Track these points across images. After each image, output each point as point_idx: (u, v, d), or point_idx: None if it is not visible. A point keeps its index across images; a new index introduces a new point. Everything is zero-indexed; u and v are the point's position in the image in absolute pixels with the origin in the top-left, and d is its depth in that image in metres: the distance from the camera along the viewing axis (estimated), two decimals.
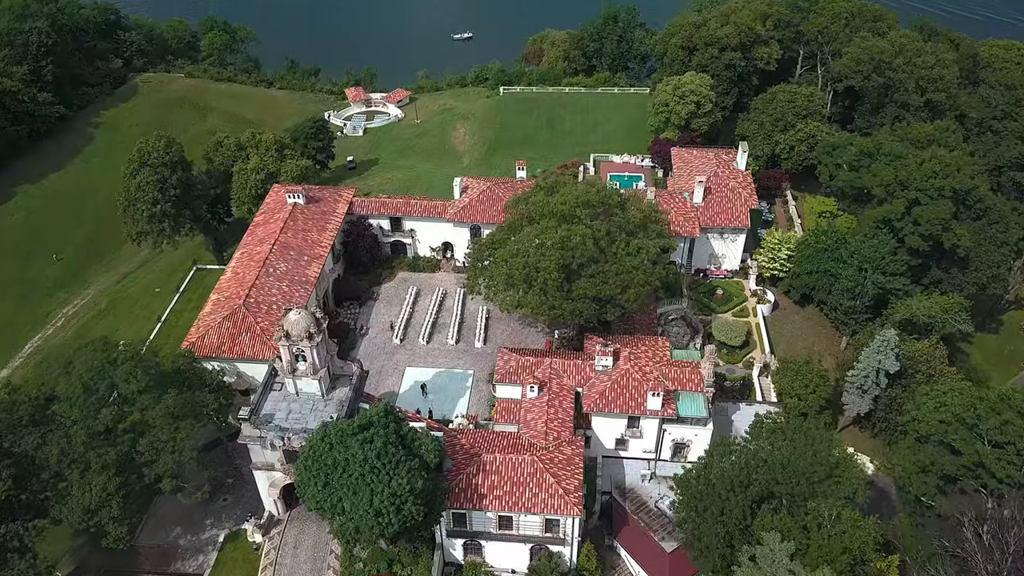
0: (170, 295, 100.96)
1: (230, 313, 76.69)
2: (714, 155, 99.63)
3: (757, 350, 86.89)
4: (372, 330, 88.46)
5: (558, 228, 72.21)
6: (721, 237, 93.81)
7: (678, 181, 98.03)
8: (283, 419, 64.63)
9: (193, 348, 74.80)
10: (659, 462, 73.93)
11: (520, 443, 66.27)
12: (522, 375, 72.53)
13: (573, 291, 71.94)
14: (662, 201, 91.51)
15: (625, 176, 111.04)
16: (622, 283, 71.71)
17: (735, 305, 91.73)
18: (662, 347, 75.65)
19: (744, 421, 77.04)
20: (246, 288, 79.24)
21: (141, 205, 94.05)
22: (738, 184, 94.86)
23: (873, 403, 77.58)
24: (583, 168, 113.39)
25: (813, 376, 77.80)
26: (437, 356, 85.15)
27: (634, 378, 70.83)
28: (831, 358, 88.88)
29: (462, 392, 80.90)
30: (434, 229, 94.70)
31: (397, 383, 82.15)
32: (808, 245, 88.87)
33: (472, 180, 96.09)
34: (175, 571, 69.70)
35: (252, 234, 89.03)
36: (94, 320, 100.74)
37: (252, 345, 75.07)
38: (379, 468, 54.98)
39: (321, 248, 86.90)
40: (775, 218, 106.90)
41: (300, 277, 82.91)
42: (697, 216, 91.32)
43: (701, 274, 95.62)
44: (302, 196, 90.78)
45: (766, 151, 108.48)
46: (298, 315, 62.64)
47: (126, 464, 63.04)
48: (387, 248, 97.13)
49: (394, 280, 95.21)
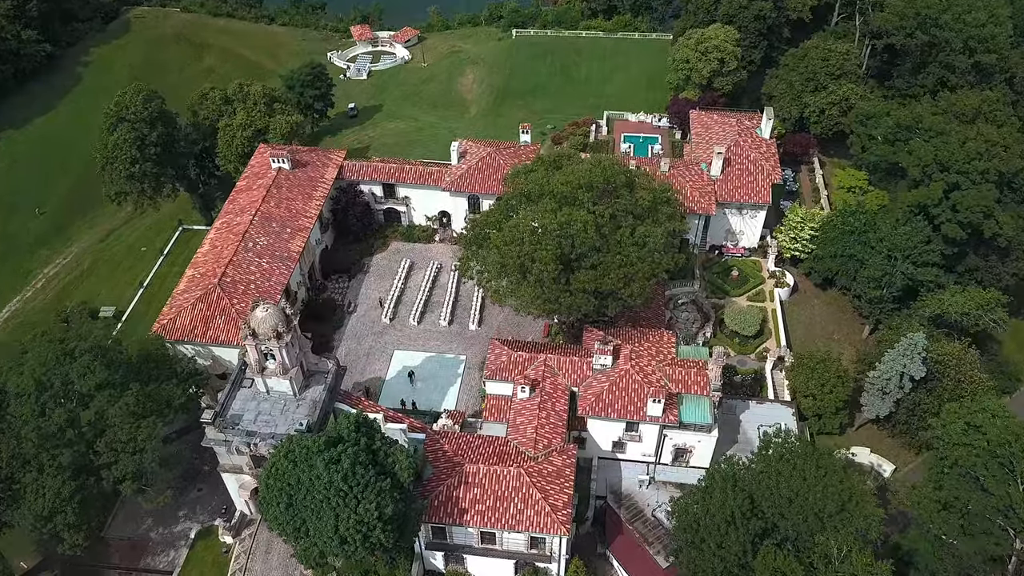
0: (154, 257, 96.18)
1: (204, 293, 71.53)
2: (736, 121, 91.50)
3: (772, 340, 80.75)
4: (361, 307, 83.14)
5: (557, 212, 65.69)
6: (739, 213, 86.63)
7: (695, 149, 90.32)
8: (251, 420, 59.96)
9: (164, 331, 70.03)
10: (659, 466, 68.98)
11: (507, 451, 61.38)
12: (513, 372, 67.18)
13: (571, 283, 65.87)
14: (677, 173, 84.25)
15: (640, 138, 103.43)
16: (625, 276, 65.42)
17: (751, 288, 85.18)
18: (667, 343, 69.73)
19: (753, 421, 72.02)
20: (222, 265, 73.82)
21: (119, 164, 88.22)
22: (760, 155, 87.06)
23: (894, 406, 71.74)
24: (595, 127, 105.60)
25: (830, 376, 71.89)
26: (428, 339, 79.88)
27: (634, 380, 65.26)
28: (851, 348, 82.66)
29: (452, 380, 75.87)
30: (430, 197, 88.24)
31: (384, 367, 77.22)
32: (833, 226, 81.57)
33: (471, 144, 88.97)
34: (144, 567, 66.57)
35: (234, 201, 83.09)
36: (75, 282, 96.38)
37: (227, 329, 70.05)
38: (345, 491, 50.32)
39: (306, 219, 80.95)
40: (800, 188, 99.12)
41: (282, 252, 77.28)
42: (714, 191, 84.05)
43: (716, 251, 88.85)
44: (287, 160, 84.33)
45: (794, 113, 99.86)
46: (265, 312, 57.26)
47: (83, 466, 58.96)
48: (380, 215, 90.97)
49: (387, 251, 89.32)
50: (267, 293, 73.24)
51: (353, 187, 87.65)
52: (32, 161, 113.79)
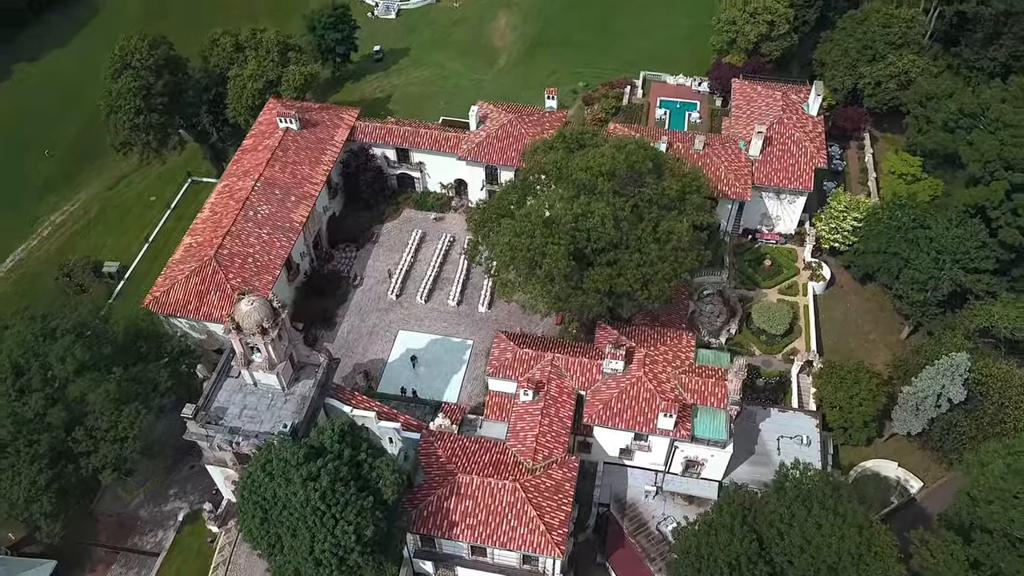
0: (161, 210, 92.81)
1: (199, 266, 67.91)
2: (782, 95, 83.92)
3: (801, 339, 75.32)
4: (367, 280, 79.09)
5: (574, 201, 60.34)
6: (777, 197, 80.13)
7: (734, 124, 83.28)
8: (236, 414, 56.84)
9: (156, 304, 66.87)
10: (668, 475, 65.06)
11: (504, 460, 57.78)
12: (518, 371, 63.05)
13: (584, 282, 60.95)
14: (711, 152, 77.74)
15: (678, 103, 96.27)
16: (643, 276, 60.31)
17: (784, 279, 79.37)
18: (685, 346, 64.88)
19: (774, 431, 67.57)
20: (220, 236, 69.94)
21: (122, 114, 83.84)
22: (805, 136, 79.89)
23: (928, 423, 66.55)
24: (630, 88, 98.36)
25: (860, 389, 66.69)
26: (435, 319, 75.81)
27: (646, 388, 60.80)
28: (887, 350, 77.07)
29: (457, 367, 72.06)
30: (446, 164, 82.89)
31: (387, 348, 73.58)
32: (879, 220, 74.87)
33: (492, 108, 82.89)
34: (131, 546, 65.05)
35: (238, 162, 78.63)
36: (82, 232, 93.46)
37: (221, 305, 66.59)
38: (323, 510, 47.24)
39: (312, 186, 76.34)
40: (846, 167, 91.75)
41: (284, 222, 73.07)
42: (751, 173, 77.52)
43: (749, 236, 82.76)
44: (295, 120, 79.26)
45: (847, 84, 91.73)
46: (250, 306, 53.39)
47: (61, 453, 56.63)
48: (393, 180, 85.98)
49: (398, 219, 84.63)
50: (266, 267, 69.54)
51: (365, 151, 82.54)
52: (44, 99, 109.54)
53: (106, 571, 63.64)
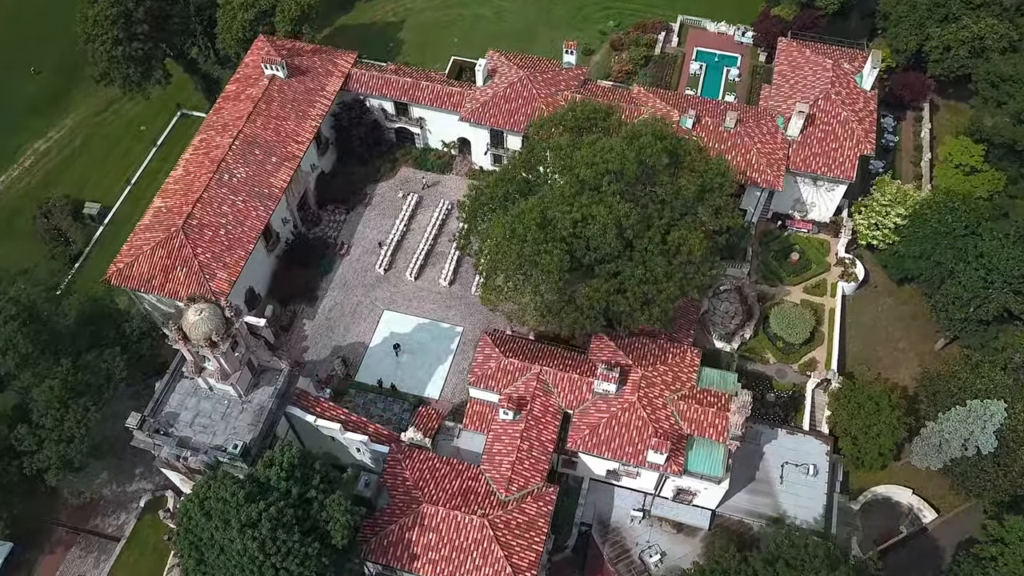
0: (147, 147, 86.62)
1: (165, 238, 62.24)
2: (833, 63, 73.54)
3: (823, 347, 68.47)
4: (356, 248, 72.99)
5: (575, 201, 53.06)
6: (814, 183, 71.50)
7: (775, 93, 73.57)
8: (188, 422, 52.54)
9: (119, 277, 61.81)
10: (658, 498, 60.32)
11: (475, 488, 53.17)
12: (501, 383, 57.61)
13: (577, 297, 54.45)
14: (744, 130, 68.93)
15: (716, 56, 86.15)
16: (644, 295, 53.62)
17: (812, 276, 71.79)
18: (688, 365, 58.68)
19: (779, 455, 62.31)
20: (190, 203, 63.89)
21: (99, 44, 76.58)
22: (853, 115, 70.29)
23: (949, 461, 60.48)
24: (664, 34, 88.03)
25: (879, 420, 60.32)
26: (424, 300, 70.00)
27: (639, 416, 55.19)
28: (916, 361, 70.06)
29: (443, 356, 66.74)
30: (449, 121, 74.93)
31: (370, 331, 68.29)
32: (926, 221, 66.38)
33: (503, 61, 73.94)
34: (93, 528, 62.64)
35: (219, 111, 71.46)
36: (65, 164, 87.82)
37: (187, 283, 61.29)
38: (261, 560, 43.30)
39: (297, 145, 69.31)
40: (899, 142, 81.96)
41: (262, 188, 66.62)
42: (786, 156, 68.82)
43: (779, 222, 74.63)
44: (282, 67, 71.39)
45: (911, 45, 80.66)
46: (198, 316, 47.93)
47: (4, 450, 53.12)
48: (391, 134, 78.42)
49: (394, 178, 77.53)
50: (239, 240, 63.76)
51: (360, 103, 74.74)
52: (29, 8, 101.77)
53: (65, 554, 61.46)
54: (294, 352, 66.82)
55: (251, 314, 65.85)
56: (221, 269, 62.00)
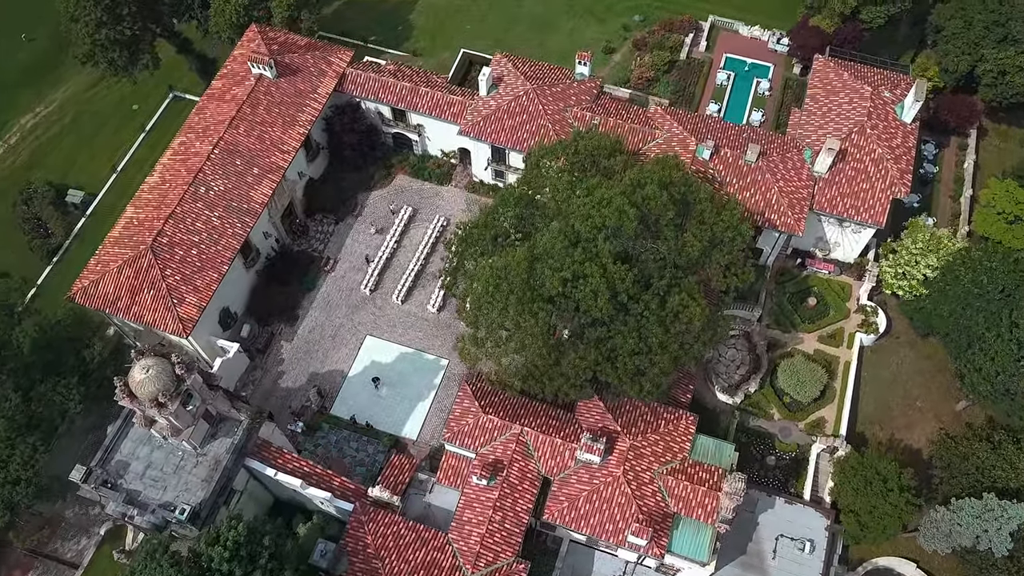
0: (136, 131, 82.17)
1: (133, 256, 58.29)
2: (872, 90, 66.74)
3: (833, 406, 63.61)
4: (342, 264, 68.69)
5: (566, 257, 48.22)
6: (839, 224, 65.64)
7: (806, 120, 67.13)
8: (139, 473, 49.38)
9: (84, 296, 58.19)
10: (641, 565, 56.65)
11: (440, 561, 49.80)
12: (478, 441, 53.69)
13: (562, 363, 49.97)
14: (767, 164, 62.97)
15: (747, 64, 79.38)
16: (636, 367, 49.02)
17: (829, 324, 66.47)
18: (682, 433, 54.29)
19: (775, 527, 58.26)
20: (162, 217, 59.72)
21: (82, 26, 71.68)
22: (889, 152, 63.90)
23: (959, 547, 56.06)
24: (693, 35, 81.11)
25: (886, 502, 55.68)
26: (410, 327, 65.82)
27: (622, 492, 51.16)
28: (935, 421, 65.03)
29: (425, 392, 62.86)
30: (448, 130, 69.56)
31: (350, 358, 64.43)
32: (957, 279, 60.59)
33: (510, 68, 68.00)
34: (51, 552, 60.32)
35: (202, 111, 66.68)
36: (53, 142, 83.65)
37: (154, 307, 57.58)
38: None
39: (281, 155, 64.54)
40: (938, 174, 75.28)
41: (241, 202, 62.14)
42: (811, 195, 62.97)
43: (798, 260, 69.01)
44: (271, 67, 66.12)
45: (963, 67, 73.36)
46: (144, 374, 44.22)
47: None
48: (388, 138, 73.23)
49: (389, 187, 72.62)
50: (212, 261, 59.70)
51: (354, 108, 69.48)
52: None
53: None
54: (269, 378, 63.38)
55: (225, 336, 62.51)
56: (191, 292, 58.14)
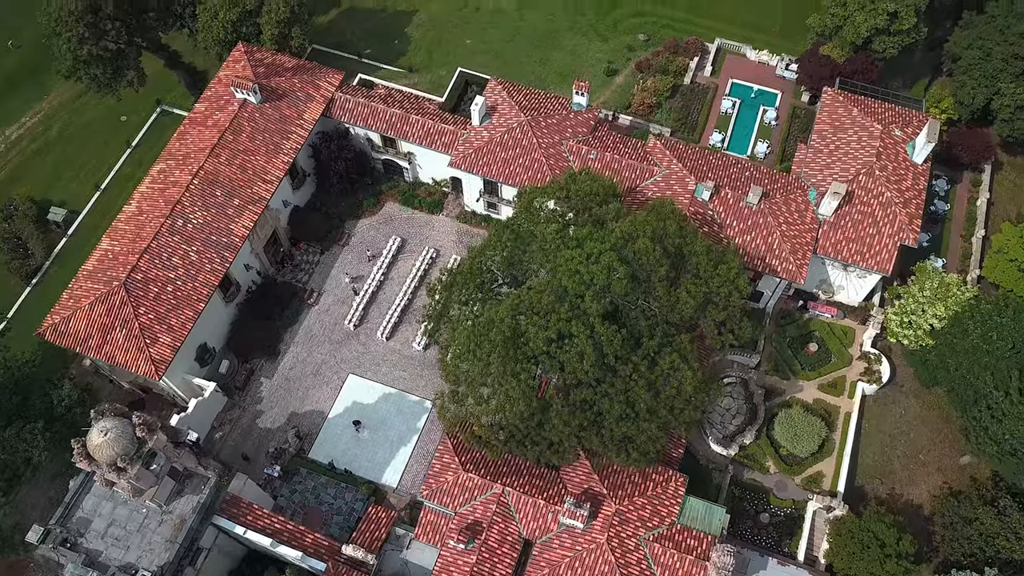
0: (121, 148, 79.79)
1: (105, 293, 56.10)
2: (882, 128, 63.75)
3: (832, 459, 61.16)
4: (326, 297, 66.36)
5: (551, 316, 45.77)
6: (844, 268, 62.90)
7: (811, 158, 64.25)
8: (101, 532, 47.40)
9: (54, 333, 56.09)
10: None
11: None
12: (458, 500, 51.49)
13: (545, 427, 47.63)
14: (769, 207, 60.21)
15: (753, 91, 76.35)
16: (622, 434, 46.66)
17: (830, 371, 63.89)
18: (672, 495, 51.95)
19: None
20: (136, 252, 57.45)
21: (63, 41, 69.19)
22: (898, 195, 61.01)
23: None
24: (698, 58, 78.07)
25: (884, 571, 53.30)
26: (394, 365, 63.54)
27: (605, 560, 48.91)
28: (939, 476, 62.57)
29: (407, 436, 60.68)
30: (439, 158, 66.92)
31: (331, 397, 62.25)
32: (966, 334, 57.85)
33: (504, 96, 65.14)
34: None
35: (183, 137, 64.24)
36: (37, 156, 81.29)
37: (126, 347, 55.43)
38: None
39: (265, 185, 62.09)
40: (950, 212, 72.27)
41: (220, 236, 59.78)
42: (814, 239, 60.25)
43: (800, 302, 66.33)
44: (255, 92, 63.53)
45: (978, 100, 70.25)
46: (103, 438, 42.11)
47: None
48: (378, 164, 70.71)
49: (377, 215, 70.09)
50: (188, 299, 57.47)
51: (342, 135, 66.94)
52: None
53: None
54: (247, 416, 61.31)
55: (203, 372, 60.54)
56: (164, 332, 55.95)
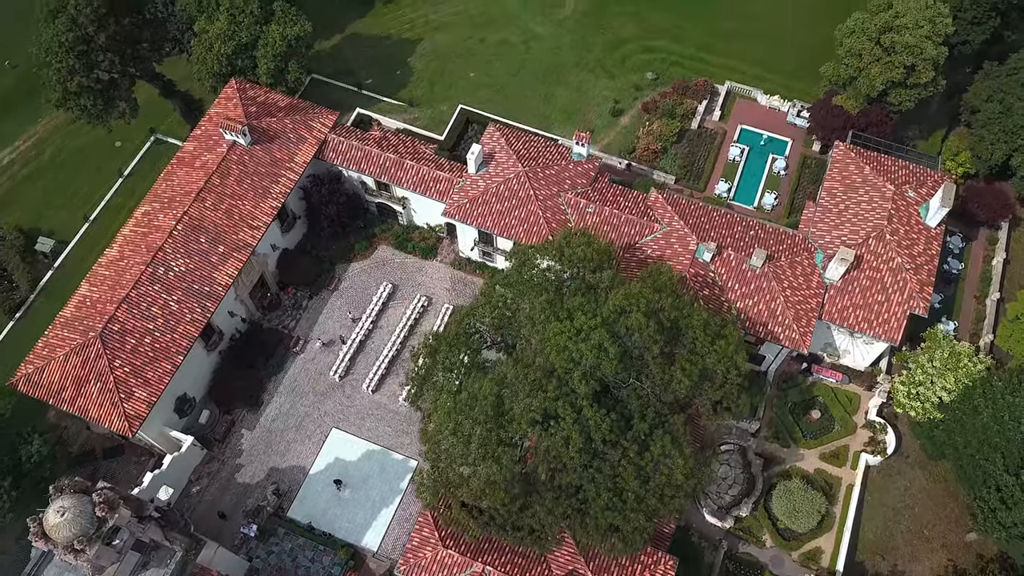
0: (112, 177, 78.09)
1: (81, 344, 54.25)
2: (895, 189, 61.15)
3: (831, 535, 58.65)
4: (311, 345, 64.28)
5: (537, 395, 43.57)
6: (851, 333, 60.34)
7: (820, 217, 61.66)
8: None
9: (27, 384, 54.28)
10: None
11: None
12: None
13: (527, 512, 45.40)
14: (773, 270, 57.72)
15: (763, 138, 74.02)
16: (608, 523, 44.35)
17: (833, 440, 61.37)
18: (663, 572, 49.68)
19: None
20: (115, 301, 55.58)
21: (52, 72, 67.48)
22: (909, 261, 58.40)
23: None
24: (707, 100, 75.62)
25: None
26: (379, 420, 61.44)
27: None
28: (943, 553, 59.99)
29: (390, 496, 58.55)
30: (434, 205, 64.83)
31: (313, 453, 60.20)
32: (976, 411, 55.18)
33: (502, 143, 62.92)
34: None
35: (169, 177, 62.38)
36: (28, 181, 79.74)
37: (100, 401, 53.53)
38: None
39: (252, 231, 60.09)
40: (965, 270, 69.55)
41: (203, 285, 57.81)
42: (819, 305, 57.74)
43: (804, 365, 63.80)
44: (244, 134, 61.55)
45: (997, 156, 67.56)
46: (60, 518, 40.17)
47: None
48: (372, 206, 68.67)
49: (369, 259, 68.02)
50: (166, 351, 55.53)
51: (335, 178, 64.94)
52: None
53: None
54: (226, 470, 59.38)
55: (181, 424, 58.71)
56: (140, 387, 54.05)
